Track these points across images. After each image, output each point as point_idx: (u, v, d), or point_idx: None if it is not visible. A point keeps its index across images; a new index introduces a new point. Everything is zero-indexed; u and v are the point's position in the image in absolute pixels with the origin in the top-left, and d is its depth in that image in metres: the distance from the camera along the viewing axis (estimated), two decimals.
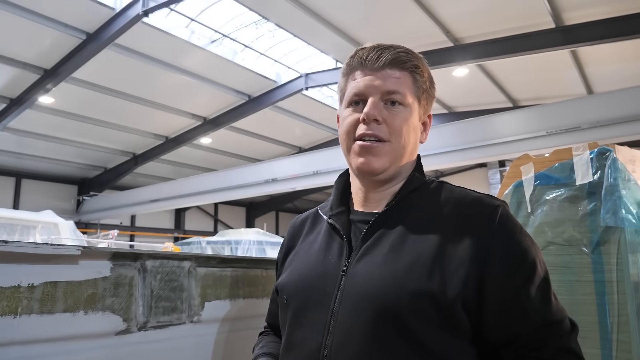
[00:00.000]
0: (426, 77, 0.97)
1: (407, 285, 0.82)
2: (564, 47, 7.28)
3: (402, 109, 0.93)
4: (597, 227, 1.47)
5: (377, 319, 0.82)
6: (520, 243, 0.86)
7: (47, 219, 6.86)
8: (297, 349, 0.90)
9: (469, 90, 10.21)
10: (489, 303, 0.82)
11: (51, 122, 10.75)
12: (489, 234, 0.84)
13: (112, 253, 1.17)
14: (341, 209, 1.00)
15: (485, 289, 0.82)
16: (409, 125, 0.94)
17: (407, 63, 0.95)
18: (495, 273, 0.83)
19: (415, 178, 0.96)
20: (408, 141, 0.94)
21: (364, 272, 0.87)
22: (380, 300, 0.82)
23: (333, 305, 0.87)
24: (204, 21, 8.28)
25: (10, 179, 13.59)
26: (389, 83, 0.93)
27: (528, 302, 0.83)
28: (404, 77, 0.94)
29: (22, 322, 0.99)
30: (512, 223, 0.88)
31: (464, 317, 0.82)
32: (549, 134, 7.17)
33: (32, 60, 8.36)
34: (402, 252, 0.86)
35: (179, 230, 17.06)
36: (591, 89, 9.68)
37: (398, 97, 0.92)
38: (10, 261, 0.99)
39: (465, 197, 0.92)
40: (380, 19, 7.64)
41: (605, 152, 1.48)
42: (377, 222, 0.92)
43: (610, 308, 1.43)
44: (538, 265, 0.85)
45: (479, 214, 0.87)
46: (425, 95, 0.97)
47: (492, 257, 0.83)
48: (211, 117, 11.37)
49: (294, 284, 0.96)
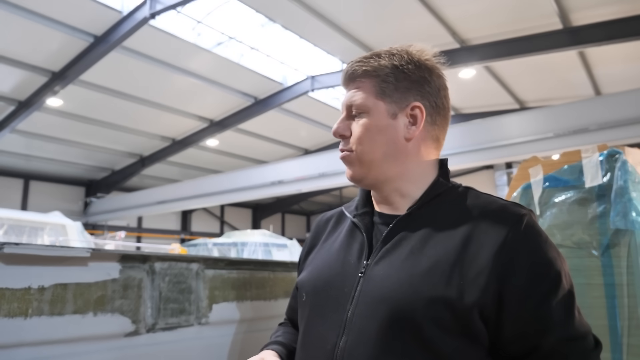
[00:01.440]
0: (388, 70, 0.93)
1: (424, 291, 0.81)
2: (572, 48, 7.24)
3: (363, 116, 0.94)
4: (607, 229, 1.45)
5: (391, 323, 0.81)
6: (546, 254, 0.84)
7: (55, 221, 6.90)
8: (313, 347, 0.91)
9: (475, 92, 10.18)
10: (509, 314, 0.81)
11: (59, 125, 10.82)
12: (513, 244, 0.82)
13: (121, 255, 1.18)
14: (365, 209, 1.00)
15: (506, 299, 0.80)
16: (371, 129, 0.93)
17: (357, 72, 0.95)
18: (517, 284, 0.81)
19: (439, 183, 0.95)
20: (372, 145, 0.93)
21: (381, 275, 0.86)
22: (395, 304, 0.82)
23: (349, 306, 0.87)
24: (211, 23, 8.31)
25: (19, 180, 13.69)
26: (348, 98, 0.96)
27: (550, 314, 0.81)
28: (362, 85, 0.95)
29: (32, 323, 1.00)
30: (538, 233, 0.86)
31: (481, 326, 0.81)
32: (557, 135, 7.13)
33: (41, 63, 8.42)
34: (422, 256, 0.85)
35: (185, 231, 17.11)
36: (599, 90, 9.61)
37: (355, 109, 0.95)
38: (21, 263, 1.00)
39: (491, 204, 0.90)
40: (386, 21, 7.64)
41: (614, 154, 1.47)
42: (398, 224, 0.92)
43: (621, 311, 1.42)
44: (563, 277, 0.83)
45: (503, 222, 0.85)
46: (391, 88, 0.93)
47: (515, 267, 0.81)
48: (218, 119, 11.40)
49: (313, 282, 0.97)
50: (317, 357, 0.89)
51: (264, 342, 1.36)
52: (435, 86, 0.96)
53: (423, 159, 0.96)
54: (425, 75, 0.95)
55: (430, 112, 0.95)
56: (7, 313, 0.96)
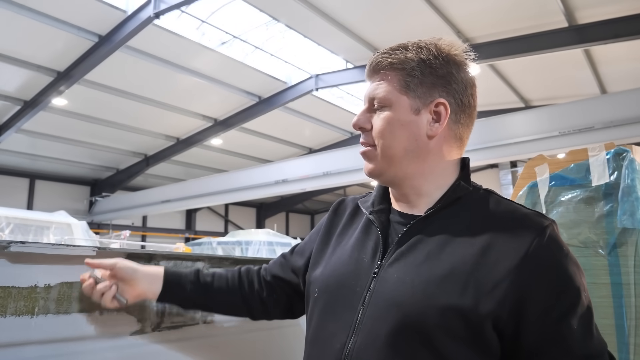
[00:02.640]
0: (414, 64, 0.90)
1: (438, 298, 0.79)
2: (577, 46, 7.20)
3: (386, 110, 0.91)
4: (614, 228, 1.44)
5: (402, 328, 0.80)
6: (567, 269, 0.81)
7: (60, 220, 6.93)
8: (322, 345, 0.90)
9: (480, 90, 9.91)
10: (528, 329, 0.79)
11: (64, 124, 10.87)
12: (534, 257, 0.80)
13: (127, 254, 1.18)
14: (382, 206, 0.98)
15: (525, 314, 0.78)
16: (393, 124, 0.90)
17: (382, 64, 0.92)
18: (537, 299, 0.78)
19: (460, 186, 0.91)
20: (394, 140, 0.90)
21: (395, 278, 0.84)
22: (407, 310, 0.80)
23: (360, 306, 0.86)
24: (215, 23, 8.32)
25: (25, 180, 13.76)
26: (371, 90, 0.93)
27: (569, 331, 0.79)
28: (387, 77, 0.91)
29: (38, 322, 1.00)
30: (560, 247, 0.82)
31: (494, 338, 0.79)
32: (562, 134, 7.10)
33: (46, 62, 8.46)
34: (438, 262, 0.82)
35: (189, 230, 17.15)
36: (605, 88, 9.56)
37: (378, 102, 0.91)
38: (28, 262, 1.00)
39: (513, 212, 0.87)
40: (390, 20, 7.62)
41: (622, 153, 1.45)
42: (415, 227, 0.89)
43: (628, 311, 1.41)
44: (582, 294, 0.81)
45: (526, 233, 0.82)
46: (416, 82, 0.89)
47: (535, 282, 0.79)
48: (222, 119, 11.42)
49: (326, 278, 0.96)
50: (325, 355, 0.88)
51: (268, 341, 1.37)
52: (462, 83, 0.92)
53: (444, 158, 0.92)
54: (452, 70, 0.91)
55: (455, 109, 0.91)
56: (14, 311, 0.97)
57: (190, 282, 1.09)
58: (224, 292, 1.12)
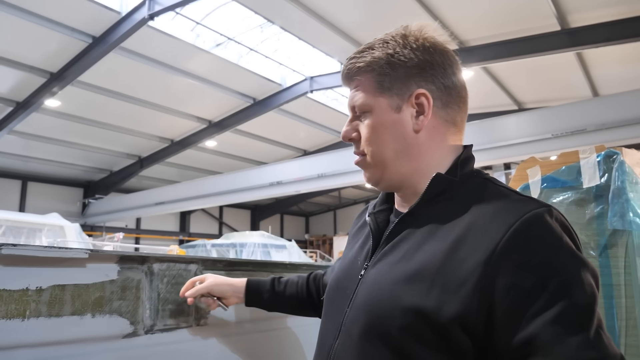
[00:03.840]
0: (383, 62, 0.86)
1: (402, 299, 0.75)
2: (570, 49, 7.26)
3: (367, 116, 0.88)
4: (605, 230, 1.46)
5: (368, 330, 0.79)
6: (549, 264, 0.68)
7: (53, 222, 6.89)
8: (320, 347, 0.92)
9: (473, 93, 9.91)
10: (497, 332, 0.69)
11: (57, 125, 10.82)
12: (504, 248, 0.69)
13: (120, 256, 1.18)
14: (383, 207, 0.97)
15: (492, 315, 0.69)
16: (377, 128, 0.87)
17: (353, 71, 0.89)
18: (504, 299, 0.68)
19: (440, 178, 0.83)
20: (381, 144, 0.87)
21: (371, 279, 0.83)
22: (373, 311, 0.79)
23: (347, 308, 0.86)
24: (209, 24, 8.32)
25: (17, 181, 13.68)
26: (350, 99, 0.91)
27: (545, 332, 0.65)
28: (360, 82, 0.88)
29: (30, 325, 1.00)
30: (540, 234, 0.70)
31: (465, 339, 0.70)
32: (555, 136, 7.14)
33: (39, 63, 8.42)
34: (411, 261, 0.78)
35: (184, 232, 17.10)
36: (597, 91, 9.64)
37: (358, 109, 0.89)
38: (19, 264, 1.00)
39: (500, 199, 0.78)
40: (384, 22, 7.63)
41: (612, 155, 1.47)
42: (399, 225, 0.86)
43: (618, 312, 1.42)
44: (573, 292, 0.66)
45: (503, 220, 0.72)
46: (388, 80, 0.85)
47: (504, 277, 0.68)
48: (216, 120, 11.40)
49: (330, 282, 0.98)
50: (320, 356, 0.91)
51: (262, 344, 1.37)
52: (439, 65, 0.86)
53: (438, 149, 0.87)
54: (425, 57, 0.85)
55: (438, 95, 0.86)
56: (5, 314, 0.96)
57: (267, 291, 1.25)
58: (294, 298, 1.25)
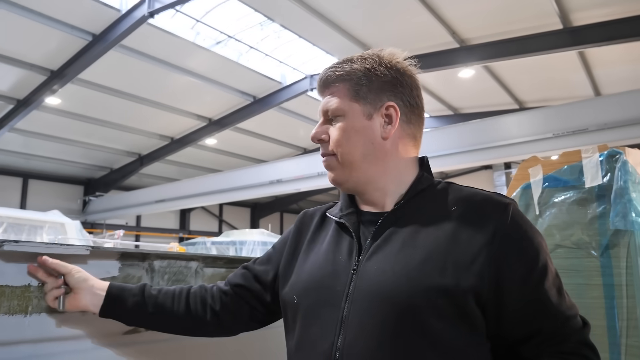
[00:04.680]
0: (361, 74, 0.96)
1: (421, 282, 0.83)
2: (572, 48, 7.24)
3: (340, 119, 0.97)
4: (607, 230, 1.46)
5: (391, 317, 0.82)
6: (533, 240, 0.88)
7: (54, 219, 6.89)
8: (309, 348, 0.91)
9: (474, 92, 10.18)
10: (508, 302, 0.84)
11: (58, 123, 10.80)
12: (502, 232, 0.86)
13: (121, 253, 1.18)
14: (350, 210, 1.01)
15: (504, 286, 0.84)
16: (349, 132, 0.96)
17: (332, 78, 0.99)
18: (513, 270, 0.84)
19: (424, 178, 0.97)
20: (352, 146, 0.95)
21: (375, 270, 0.87)
22: (395, 298, 0.83)
23: (344, 304, 0.88)
24: (209, 22, 8.30)
25: (18, 179, 13.67)
26: (324, 103, 0.99)
27: (547, 298, 0.85)
28: (336, 90, 0.98)
29: (32, 321, 1.00)
30: (524, 221, 0.89)
31: (478, 313, 0.83)
32: (556, 136, 7.13)
33: (39, 61, 8.40)
34: (414, 248, 0.87)
35: (184, 230, 17.10)
36: (599, 90, 9.62)
37: (331, 113, 0.98)
38: (21, 261, 1.00)
39: (475, 195, 0.93)
40: (385, 20, 7.64)
41: (615, 155, 1.47)
42: (387, 220, 0.93)
43: (619, 312, 1.42)
44: (549, 261, 0.88)
45: (491, 211, 0.88)
46: (365, 90, 0.96)
47: (507, 255, 0.85)
48: (216, 118, 11.39)
49: (303, 283, 0.97)
50: (315, 357, 0.88)
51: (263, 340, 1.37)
52: (407, 86, 0.98)
53: (402, 158, 0.98)
54: (397, 76, 0.97)
55: (404, 111, 0.97)
56: (7, 310, 0.97)
57: (133, 295, 1.04)
58: (169, 306, 1.05)
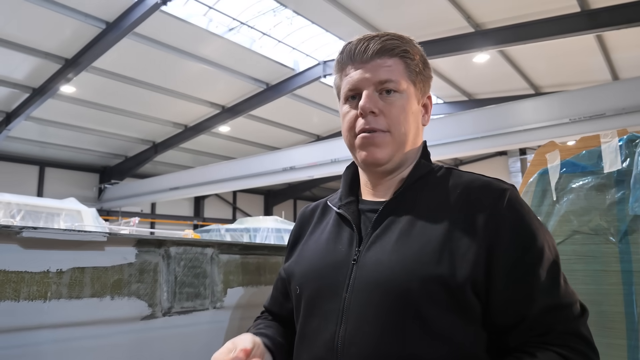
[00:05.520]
0: (418, 59, 0.95)
1: (417, 271, 0.82)
2: (589, 32, 7.08)
3: (398, 96, 0.92)
4: (625, 216, 1.43)
5: (389, 307, 0.82)
6: (529, 225, 0.86)
7: (70, 207, 6.99)
8: (311, 339, 0.91)
9: (489, 77, 10.03)
10: (496, 283, 0.82)
11: (73, 111, 10.91)
12: (497, 217, 0.85)
13: (137, 240, 1.19)
14: (350, 199, 1.00)
15: (493, 270, 0.82)
16: (407, 112, 0.93)
17: (395, 49, 0.93)
18: (503, 254, 0.83)
19: (422, 164, 0.96)
20: (408, 128, 0.94)
21: (373, 260, 0.87)
22: (390, 288, 0.83)
23: (345, 294, 0.87)
24: (222, 9, 8.27)
25: (35, 167, 13.88)
26: (380, 73, 0.92)
27: (536, 284, 0.82)
28: (395, 63, 0.93)
29: (51, 306, 1.02)
30: (521, 206, 0.88)
31: (475, 301, 0.82)
32: (572, 121, 7.01)
33: (54, 50, 8.47)
34: (411, 237, 0.86)
35: (198, 217, 17.26)
36: (617, 75, 9.42)
37: (392, 85, 0.92)
38: (40, 247, 1.01)
39: (474, 181, 0.92)
40: (399, 5, 7.53)
41: (635, 139, 1.43)
42: (386, 209, 0.92)
43: (638, 298, 1.40)
44: (546, 247, 0.85)
45: (487, 197, 0.87)
46: (420, 78, 0.96)
47: (500, 239, 0.83)
48: (229, 106, 11.41)
49: (304, 274, 0.97)
50: (316, 347, 0.88)
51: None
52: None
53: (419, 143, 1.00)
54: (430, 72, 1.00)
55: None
56: (27, 296, 0.98)
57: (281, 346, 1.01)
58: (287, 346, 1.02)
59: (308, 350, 0.91)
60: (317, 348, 0.88)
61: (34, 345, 0.99)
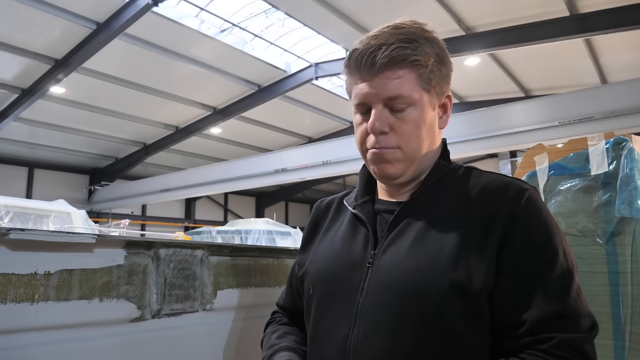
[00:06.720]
0: (432, 62, 0.86)
1: (432, 277, 0.80)
2: (578, 35, 7.16)
3: (410, 110, 0.86)
4: (612, 218, 1.45)
5: (402, 312, 0.81)
6: (545, 229, 0.83)
7: (60, 208, 6.93)
8: (323, 340, 0.89)
9: (480, 80, 10.11)
10: (502, 281, 0.80)
11: (62, 112, 10.83)
12: (514, 217, 0.82)
13: (126, 241, 1.18)
14: (366, 198, 0.97)
15: (501, 269, 0.80)
16: (420, 125, 0.87)
17: (406, 60, 0.84)
18: (513, 253, 0.80)
19: (440, 165, 0.92)
20: (421, 141, 0.88)
21: (388, 264, 0.85)
22: (404, 292, 0.81)
23: (359, 297, 0.86)
24: (214, 10, 8.26)
25: (23, 168, 13.75)
26: (389, 88, 0.85)
27: (542, 288, 0.79)
28: (405, 74, 0.85)
29: (38, 308, 1.00)
30: (540, 208, 0.84)
31: (487, 307, 0.80)
32: (562, 124, 7.09)
33: (43, 50, 8.40)
34: (427, 241, 0.84)
35: (189, 219, 17.18)
36: (605, 78, 9.53)
37: (402, 102, 0.85)
38: (27, 249, 1.00)
39: (493, 181, 0.88)
40: (390, 7, 7.56)
41: (621, 142, 1.45)
42: (402, 212, 0.89)
43: (624, 299, 1.42)
44: (561, 254, 0.81)
45: (506, 197, 0.84)
46: (435, 80, 0.87)
47: (513, 239, 0.81)
48: (221, 107, 11.38)
49: (319, 273, 0.95)
50: (328, 350, 0.87)
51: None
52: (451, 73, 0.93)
53: (437, 146, 0.94)
54: (450, 60, 0.92)
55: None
56: (14, 298, 0.97)
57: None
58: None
59: (318, 352, 0.90)
60: (328, 350, 0.87)
61: (21, 348, 0.98)
